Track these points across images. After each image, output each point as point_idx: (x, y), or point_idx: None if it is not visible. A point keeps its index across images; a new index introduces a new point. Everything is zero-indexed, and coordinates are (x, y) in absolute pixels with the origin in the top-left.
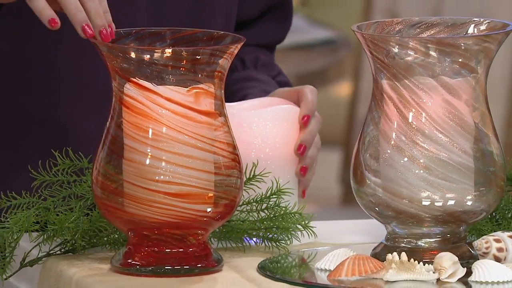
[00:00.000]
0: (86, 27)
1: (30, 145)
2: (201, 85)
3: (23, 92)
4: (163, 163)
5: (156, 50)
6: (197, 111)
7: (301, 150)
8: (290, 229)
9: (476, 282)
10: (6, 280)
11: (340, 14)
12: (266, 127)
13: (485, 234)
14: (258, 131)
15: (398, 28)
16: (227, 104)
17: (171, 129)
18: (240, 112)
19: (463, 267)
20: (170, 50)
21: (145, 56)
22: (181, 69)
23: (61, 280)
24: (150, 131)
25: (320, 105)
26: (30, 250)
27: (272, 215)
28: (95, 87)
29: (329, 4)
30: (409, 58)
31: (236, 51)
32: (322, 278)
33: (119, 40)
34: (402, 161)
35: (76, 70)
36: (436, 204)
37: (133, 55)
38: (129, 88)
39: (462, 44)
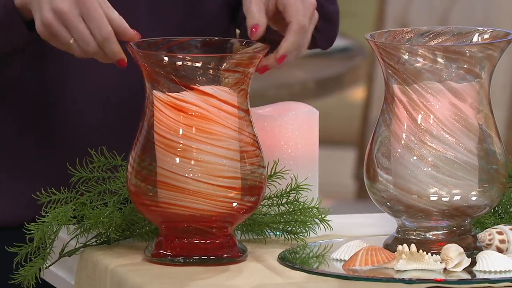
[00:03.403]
0: (122, 61)
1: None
2: (226, 89)
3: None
4: (193, 162)
5: (187, 57)
6: (227, 112)
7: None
8: (308, 223)
9: (480, 271)
10: (47, 269)
11: (355, 25)
12: (288, 130)
13: (488, 227)
14: (280, 134)
15: (408, 37)
16: (251, 109)
17: (201, 130)
18: (264, 117)
19: (468, 257)
20: (199, 57)
21: (175, 62)
22: (209, 74)
23: (97, 269)
24: (181, 131)
25: (337, 108)
26: (68, 242)
27: (291, 210)
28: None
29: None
30: (418, 64)
31: (261, 56)
32: (337, 268)
33: (152, 47)
34: (411, 160)
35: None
36: (443, 199)
37: (164, 61)
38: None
39: (467, 51)
